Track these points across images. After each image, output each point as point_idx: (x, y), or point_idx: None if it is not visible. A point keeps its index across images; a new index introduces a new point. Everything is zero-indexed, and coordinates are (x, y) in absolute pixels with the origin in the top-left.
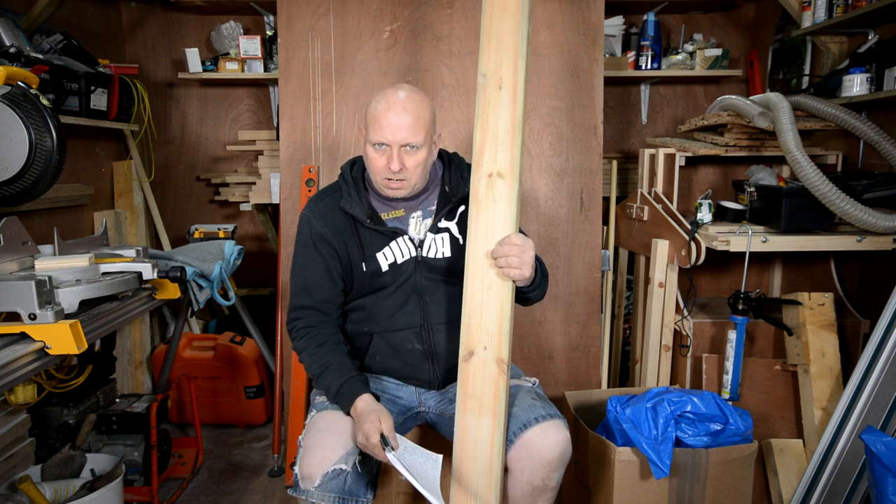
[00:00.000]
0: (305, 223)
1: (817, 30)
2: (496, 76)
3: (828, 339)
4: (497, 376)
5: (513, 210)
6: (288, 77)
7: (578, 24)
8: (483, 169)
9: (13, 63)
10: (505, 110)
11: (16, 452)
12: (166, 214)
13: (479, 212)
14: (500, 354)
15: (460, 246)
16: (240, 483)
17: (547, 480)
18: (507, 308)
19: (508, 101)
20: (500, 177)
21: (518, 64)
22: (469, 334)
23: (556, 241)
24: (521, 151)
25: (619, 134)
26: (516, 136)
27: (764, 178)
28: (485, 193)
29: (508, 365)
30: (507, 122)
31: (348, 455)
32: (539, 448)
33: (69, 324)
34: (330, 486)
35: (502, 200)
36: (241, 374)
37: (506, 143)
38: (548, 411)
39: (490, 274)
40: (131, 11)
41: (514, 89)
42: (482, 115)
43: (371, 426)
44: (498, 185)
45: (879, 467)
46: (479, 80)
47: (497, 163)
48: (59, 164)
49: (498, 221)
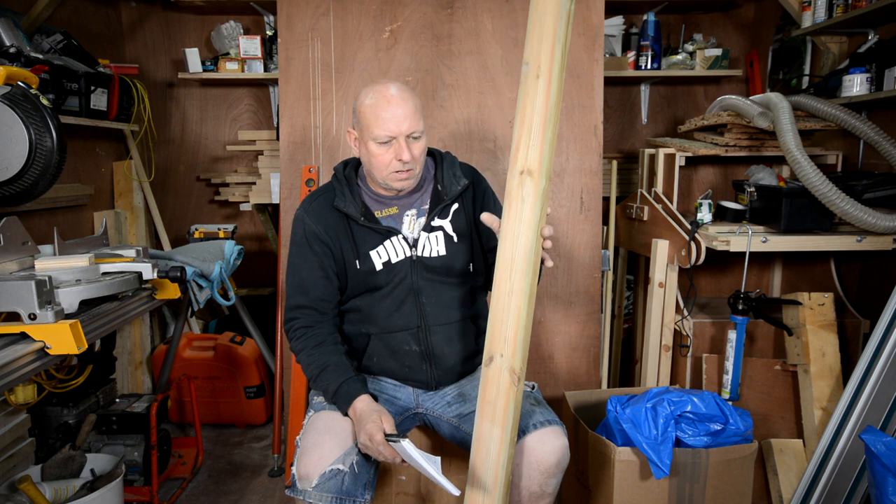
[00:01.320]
0: (299, 222)
1: (817, 30)
2: (536, 64)
3: (828, 339)
4: (508, 386)
5: (536, 211)
6: (288, 77)
7: (578, 24)
8: (517, 166)
9: (13, 63)
10: (540, 101)
11: (16, 452)
12: (166, 214)
13: (510, 212)
14: (513, 364)
15: (455, 244)
16: (240, 483)
17: (544, 487)
18: (524, 315)
19: (543, 92)
20: (528, 174)
21: (555, 51)
22: (492, 338)
23: (557, 241)
24: (552, 148)
25: (619, 134)
26: (547, 130)
27: (764, 178)
28: (516, 192)
29: (521, 378)
30: (541, 115)
31: (346, 455)
32: (537, 454)
33: (69, 324)
34: (327, 487)
35: (528, 200)
36: (241, 374)
37: (537, 137)
38: (546, 417)
39: (514, 278)
40: (131, 11)
41: (550, 78)
42: (521, 106)
43: (374, 426)
44: (527, 183)
45: (879, 467)
46: (522, 70)
47: (528, 159)
48: (59, 164)
49: (524, 223)
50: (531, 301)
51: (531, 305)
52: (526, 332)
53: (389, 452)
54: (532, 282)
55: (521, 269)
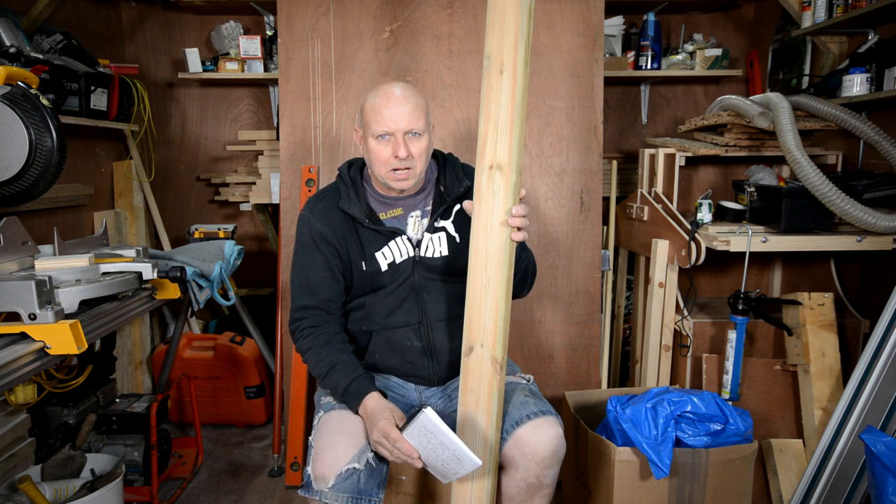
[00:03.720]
0: (305, 223)
1: (817, 30)
2: (498, 59)
3: (828, 339)
4: (491, 375)
5: (508, 204)
6: (288, 77)
7: (578, 24)
8: (485, 161)
9: (13, 63)
10: (505, 97)
11: (16, 452)
12: (166, 214)
13: (480, 206)
14: (494, 353)
15: (457, 244)
16: (240, 483)
17: (541, 477)
18: (502, 307)
19: (508, 87)
20: (498, 169)
21: (518, 44)
22: (470, 329)
23: (556, 241)
24: (520, 142)
25: (619, 134)
26: (515, 125)
27: (764, 178)
28: (486, 187)
29: (502, 365)
30: (507, 110)
31: (360, 454)
32: (532, 445)
33: (69, 324)
34: (344, 487)
35: (500, 194)
36: (241, 374)
37: (505, 132)
38: (540, 408)
39: (489, 270)
40: (131, 11)
41: (514, 73)
42: (485, 102)
43: (386, 422)
44: (497, 178)
45: (879, 467)
46: (484, 64)
47: (497, 154)
48: (59, 164)
49: (497, 216)
50: (508, 291)
51: (509, 296)
52: (505, 323)
53: (406, 448)
54: (508, 273)
55: (497, 262)
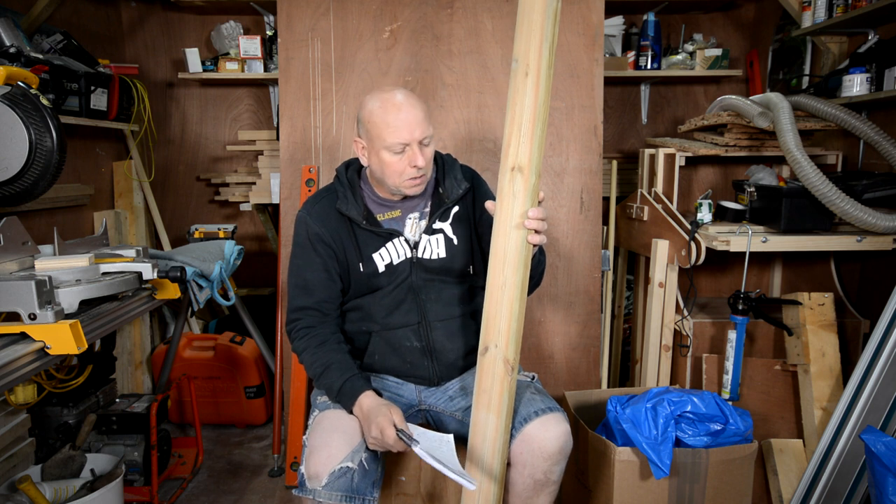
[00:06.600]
0: (302, 224)
1: (817, 30)
2: (525, 61)
3: (828, 339)
4: (502, 376)
5: (527, 206)
6: (288, 77)
7: (578, 24)
8: (508, 162)
9: (13, 63)
10: (529, 99)
11: (16, 452)
12: (166, 214)
13: (502, 207)
14: (507, 354)
15: (455, 246)
16: (240, 483)
17: (548, 474)
18: (517, 309)
19: (532, 89)
20: (519, 171)
21: (543, 48)
22: (487, 329)
23: (556, 241)
24: (540, 145)
25: (619, 134)
26: (537, 127)
27: (764, 178)
28: (507, 189)
29: (514, 367)
30: (530, 112)
31: (354, 453)
32: (539, 441)
33: (69, 324)
34: (337, 485)
35: (519, 196)
36: (241, 374)
37: (527, 134)
38: (547, 405)
39: (506, 272)
40: (131, 11)
41: (538, 76)
42: (511, 104)
43: (384, 419)
44: (517, 179)
45: (879, 467)
46: (511, 66)
47: (519, 156)
48: (59, 164)
49: (514, 218)
50: (523, 293)
51: (523, 298)
52: (519, 324)
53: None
54: (524, 275)
55: (514, 263)
